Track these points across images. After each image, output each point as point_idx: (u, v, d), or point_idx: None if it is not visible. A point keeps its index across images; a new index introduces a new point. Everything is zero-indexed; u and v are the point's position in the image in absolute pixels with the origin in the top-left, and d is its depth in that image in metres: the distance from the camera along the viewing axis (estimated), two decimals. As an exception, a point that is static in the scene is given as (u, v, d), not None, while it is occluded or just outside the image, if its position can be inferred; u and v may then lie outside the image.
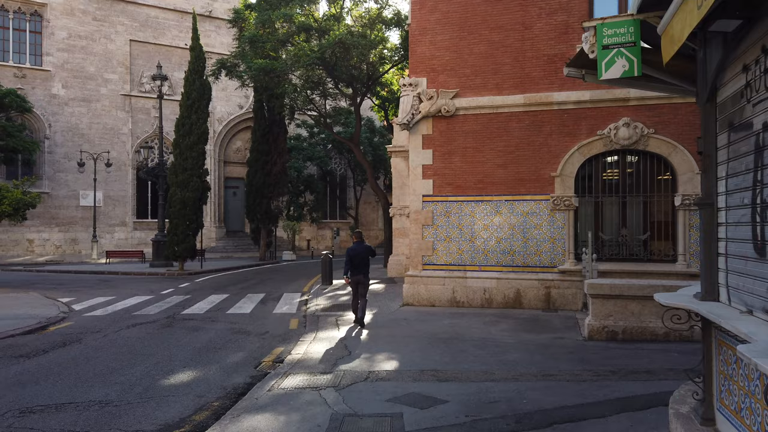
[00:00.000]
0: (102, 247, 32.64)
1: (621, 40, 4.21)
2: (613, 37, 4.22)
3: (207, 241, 36.76)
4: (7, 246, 31.86)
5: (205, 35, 35.91)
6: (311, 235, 40.39)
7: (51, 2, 32.95)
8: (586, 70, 4.92)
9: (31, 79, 32.50)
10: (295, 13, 22.95)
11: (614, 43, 4.24)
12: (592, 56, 4.38)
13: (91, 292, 15.93)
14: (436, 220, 12.78)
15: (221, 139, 38.69)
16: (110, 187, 34.57)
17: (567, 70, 5.08)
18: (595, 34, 4.31)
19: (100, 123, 34.47)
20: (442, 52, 12.61)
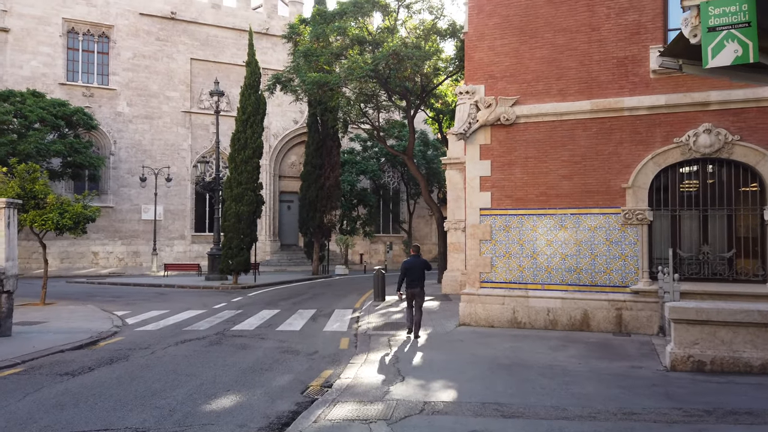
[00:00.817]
0: (162, 260, 33.42)
1: (732, 20, 3.46)
2: (722, 17, 3.48)
3: (261, 254, 37.07)
4: (74, 258, 33.09)
5: (261, 52, 36.54)
6: (364, 249, 40.09)
7: (117, 24, 34.36)
8: (685, 60, 4.17)
9: (98, 97, 33.88)
10: (349, 26, 22.82)
11: (723, 24, 3.51)
12: (695, 41, 3.65)
13: (146, 306, 16.02)
14: (495, 235, 12.03)
15: (276, 154, 39.12)
16: (170, 201, 35.47)
17: (661, 60, 4.36)
18: (699, 15, 3.59)
19: (162, 139, 35.51)
20: (501, 58, 11.94)
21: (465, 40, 12.54)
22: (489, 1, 12.10)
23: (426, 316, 13.37)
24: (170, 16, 35.69)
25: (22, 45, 31.93)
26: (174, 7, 35.94)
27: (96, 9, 33.86)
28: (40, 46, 32.43)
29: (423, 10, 24.62)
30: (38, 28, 32.33)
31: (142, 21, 35.07)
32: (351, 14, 23.03)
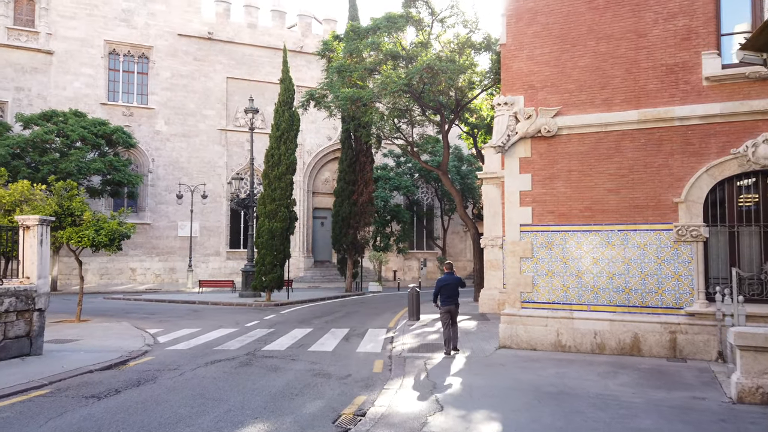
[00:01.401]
0: (197, 276, 33.65)
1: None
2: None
3: (295, 271, 37.00)
4: (113, 274, 33.61)
5: (296, 70, 36.83)
6: (398, 266, 39.61)
7: (157, 45, 35.16)
8: (771, 53, 3.65)
9: (137, 116, 34.62)
10: (382, 41, 22.66)
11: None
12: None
13: (179, 323, 15.90)
14: (536, 252, 11.43)
15: (310, 171, 39.20)
16: (206, 218, 35.80)
17: (741, 54, 3.84)
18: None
19: (198, 157, 36.00)
20: (541, 68, 11.44)
21: (502, 50, 12.09)
22: (528, 9, 11.65)
23: (463, 336, 12.80)
24: (207, 37, 36.37)
25: (66, 66, 32.94)
26: (211, 27, 36.63)
27: (136, 31, 34.75)
28: (83, 67, 33.39)
29: (457, 23, 24.32)
30: (81, 50, 33.33)
31: (181, 42, 35.82)
32: (384, 29, 22.89)
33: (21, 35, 32.11)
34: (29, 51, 32.16)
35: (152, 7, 35.20)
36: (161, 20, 35.35)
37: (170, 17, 35.54)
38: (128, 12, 34.58)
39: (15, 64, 31.87)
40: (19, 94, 31.90)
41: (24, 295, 9.32)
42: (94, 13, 33.75)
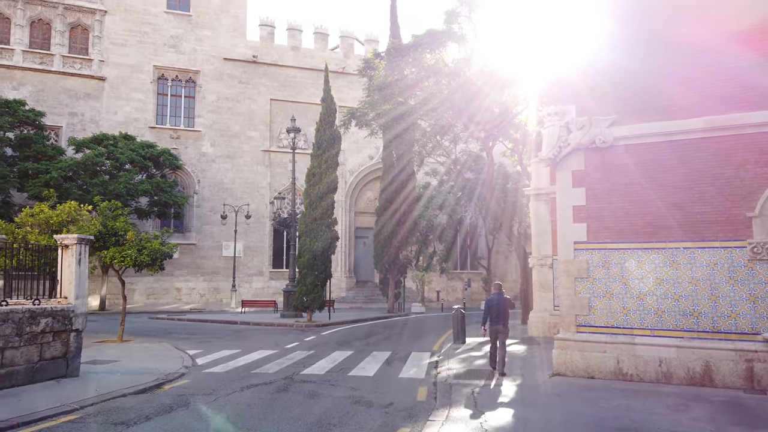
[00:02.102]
0: (241, 296, 33.75)
1: None
2: None
3: (337, 291, 36.67)
4: (159, 294, 34.06)
5: (338, 90, 36.89)
6: (441, 286, 38.76)
7: (203, 69, 35.98)
8: None
9: (184, 139, 35.35)
10: (424, 57, 22.34)
11: None
12: None
13: (219, 344, 15.65)
14: (592, 272, 10.61)
15: (352, 190, 39.06)
16: (250, 238, 36.02)
17: None
18: None
19: (242, 178, 36.39)
20: (594, 75, 10.74)
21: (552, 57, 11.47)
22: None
23: (513, 362, 12.01)
24: (252, 60, 37.01)
25: (117, 92, 34.02)
26: (255, 50, 37.27)
27: (184, 56, 35.67)
28: (133, 92, 34.41)
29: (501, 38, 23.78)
30: (131, 75, 34.40)
31: (226, 65, 36.55)
32: (426, 46, 22.56)
33: (75, 63, 33.41)
34: (83, 78, 33.40)
35: (200, 32, 36.12)
36: (208, 45, 36.21)
37: (216, 42, 36.37)
38: (176, 38, 35.57)
39: (69, 91, 33.12)
40: (72, 119, 33.08)
41: (61, 315, 9.19)
42: (145, 40, 34.85)
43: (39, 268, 10.03)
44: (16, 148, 28.62)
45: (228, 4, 36.91)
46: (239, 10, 37.24)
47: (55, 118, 32.45)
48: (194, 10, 36.06)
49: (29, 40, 32.70)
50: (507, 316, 11.08)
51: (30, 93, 31.95)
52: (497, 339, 10.95)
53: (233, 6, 37.04)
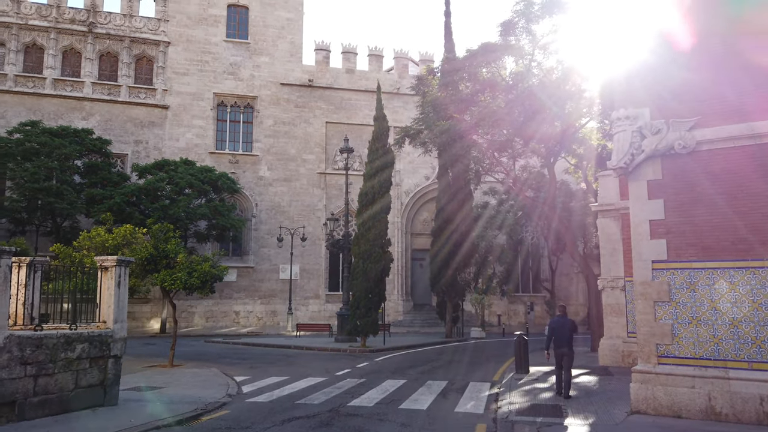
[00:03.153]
0: (297, 319, 33.50)
1: None
2: None
3: (394, 314, 35.79)
4: (217, 317, 34.30)
5: (392, 111, 36.61)
6: (502, 310, 37.14)
7: (261, 95, 36.55)
8: None
9: (242, 163, 35.85)
10: (479, 70, 21.55)
11: None
12: None
13: (268, 370, 15.13)
14: (675, 295, 9.32)
15: (408, 211, 38.37)
16: (306, 261, 35.86)
17: None
18: None
19: (299, 200, 36.46)
20: (669, 73, 9.60)
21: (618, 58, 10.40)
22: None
23: (584, 397, 10.76)
24: (308, 84, 37.33)
25: (179, 119, 35.02)
26: (311, 75, 37.60)
27: (242, 83, 36.40)
28: (194, 119, 35.33)
29: (561, 49, 22.64)
30: (193, 103, 35.36)
31: (283, 90, 37.02)
32: (481, 59, 21.76)
33: (140, 92, 34.70)
34: (147, 107, 34.60)
35: (257, 59, 36.83)
36: (265, 71, 36.83)
37: (273, 68, 36.95)
38: (235, 66, 36.39)
39: (134, 119, 34.37)
40: (137, 146, 34.23)
41: (98, 340, 8.86)
42: (205, 69, 35.84)
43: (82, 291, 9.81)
44: (84, 176, 29.77)
45: (284, 30, 37.53)
46: (295, 35, 37.80)
47: (121, 146, 33.68)
48: (252, 38, 36.86)
49: (98, 72, 34.27)
50: (571, 339, 10.93)
51: (98, 122, 33.34)
52: (562, 362, 10.80)
53: (289, 32, 37.63)
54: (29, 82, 32.77)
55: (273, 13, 37.49)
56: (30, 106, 32.37)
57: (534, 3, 21.71)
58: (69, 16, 33.67)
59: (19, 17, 32.64)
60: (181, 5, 35.79)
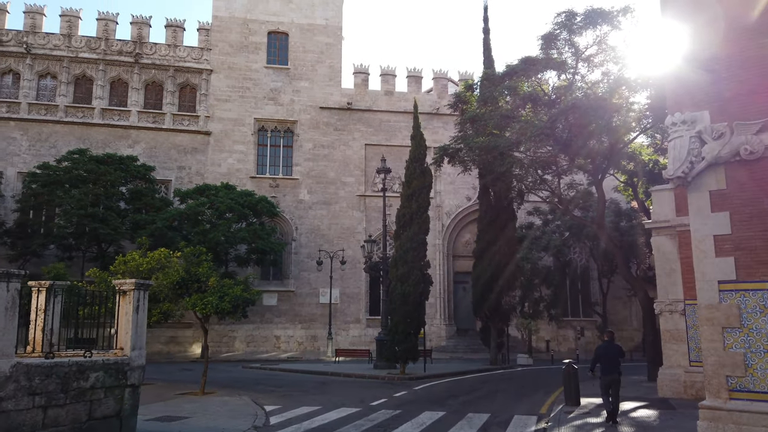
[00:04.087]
0: (337, 344, 32.88)
1: None
2: None
3: (436, 339, 34.69)
4: (258, 342, 34.02)
5: (432, 131, 36.16)
6: (550, 335, 35.45)
7: (300, 119, 36.72)
8: None
9: (282, 187, 35.91)
10: (520, 84, 20.76)
11: None
12: None
13: (301, 399, 14.48)
14: (747, 320, 8.20)
15: (449, 233, 37.49)
16: (346, 285, 35.34)
17: None
18: None
19: (338, 223, 36.14)
20: (734, 70, 8.63)
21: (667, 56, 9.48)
22: None
23: (643, 434, 9.63)
24: (346, 107, 37.33)
25: (221, 145, 35.47)
26: (350, 98, 37.60)
27: (282, 107, 36.69)
28: (235, 144, 35.72)
29: (606, 61, 21.66)
30: (234, 129, 35.80)
31: (322, 114, 37.11)
32: (521, 74, 21.00)
33: (184, 120, 35.40)
34: (190, 133, 35.24)
35: (297, 84, 37.12)
36: (305, 96, 37.05)
37: (313, 92, 37.15)
38: (275, 91, 36.76)
39: (178, 146, 35.02)
40: (180, 172, 34.79)
41: (114, 368, 8.44)
42: (246, 95, 36.33)
43: (103, 315, 9.49)
44: (129, 201, 30.33)
45: (323, 55, 37.78)
46: (334, 60, 37.98)
47: (165, 172, 34.29)
48: (292, 63, 37.24)
49: (144, 101, 35.20)
50: (619, 365, 10.97)
51: (144, 150, 34.12)
52: (610, 389, 10.80)
53: (328, 56, 37.85)
54: (79, 112, 33.93)
55: (312, 38, 37.85)
56: (79, 135, 33.44)
57: (576, 14, 20.93)
58: (117, 48, 34.86)
59: (70, 50, 33.98)
60: (223, 34, 36.58)
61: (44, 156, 31.67)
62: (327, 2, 38.54)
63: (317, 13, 38.24)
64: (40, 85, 34.05)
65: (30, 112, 33.20)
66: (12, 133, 32.88)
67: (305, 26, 37.86)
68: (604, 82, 21.72)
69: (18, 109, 33.03)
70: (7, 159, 32.47)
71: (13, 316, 6.84)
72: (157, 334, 31.81)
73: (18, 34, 33.61)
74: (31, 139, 33.08)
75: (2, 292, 6.67)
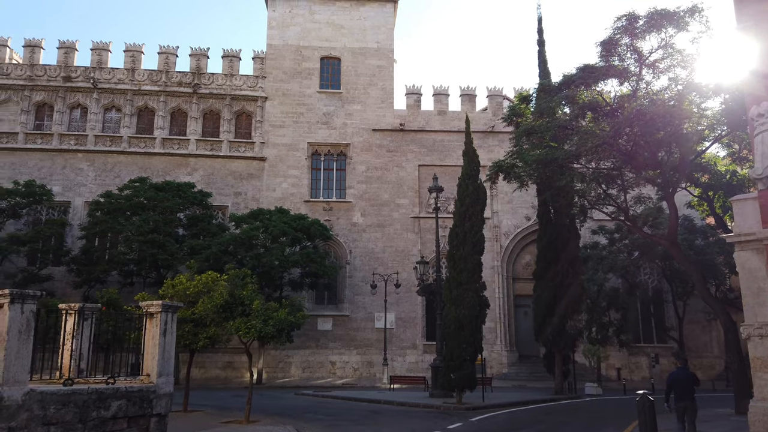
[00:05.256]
0: (394, 371, 31.93)
1: None
2: None
3: (498, 366, 33.09)
4: (314, 368, 33.52)
5: (488, 150, 35.22)
6: (621, 363, 33.02)
7: (353, 142, 36.63)
8: None
9: (336, 210, 35.71)
10: (578, 94, 19.59)
11: None
12: None
13: (347, 429, 13.69)
14: None
15: (508, 254, 36.02)
16: (401, 309, 34.46)
17: None
18: None
19: (393, 246, 35.48)
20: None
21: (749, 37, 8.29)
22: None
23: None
24: (399, 128, 36.99)
25: (275, 170, 35.79)
26: (402, 119, 37.25)
27: (335, 131, 36.75)
28: (290, 169, 35.95)
29: (674, 66, 20.16)
30: (288, 154, 36.09)
31: (375, 136, 36.89)
32: (580, 82, 19.82)
33: (240, 146, 36.03)
34: (246, 159, 35.79)
35: (349, 107, 37.17)
36: (357, 119, 37.01)
37: (365, 115, 37.06)
38: (328, 115, 36.91)
39: (234, 172, 35.61)
40: (237, 198, 35.26)
41: (138, 396, 7.97)
42: (300, 120, 36.65)
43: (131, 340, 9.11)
44: (187, 228, 30.87)
45: (375, 77, 37.74)
46: (386, 82, 37.85)
47: (222, 198, 34.85)
48: (344, 87, 37.38)
49: (201, 129, 36.13)
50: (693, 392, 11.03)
51: (201, 177, 34.87)
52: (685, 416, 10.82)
53: (380, 79, 37.77)
54: (141, 143, 35.19)
55: (364, 62, 37.93)
56: (142, 165, 34.60)
57: (638, 17, 19.68)
58: (176, 79, 36.10)
59: (133, 84, 35.48)
60: (277, 61, 37.24)
61: (109, 185, 32.86)
62: (378, 26, 38.64)
63: (368, 37, 38.37)
64: (105, 117, 35.64)
65: (96, 143, 34.73)
66: (80, 165, 34.43)
67: (357, 50, 38.02)
68: (671, 88, 20.25)
69: (85, 142, 34.63)
70: (75, 189, 33.95)
71: (27, 340, 6.49)
72: (214, 359, 31.95)
73: (86, 70, 35.43)
74: (97, 169, 34.49)
75: (16, 314, 6.32)
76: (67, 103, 35.23)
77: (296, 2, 38.34)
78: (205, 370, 32.32)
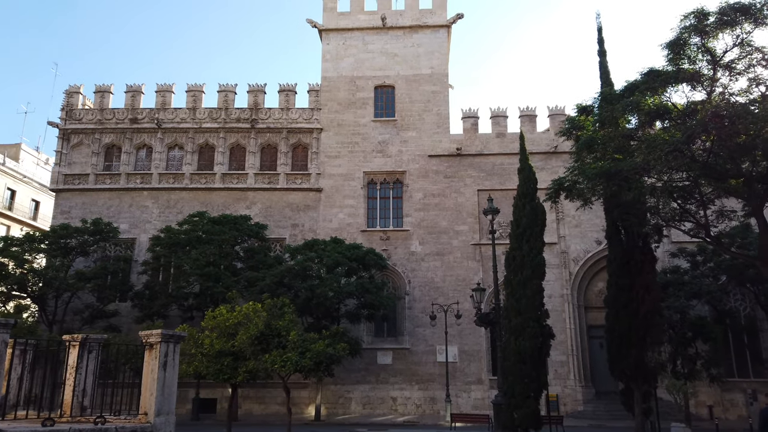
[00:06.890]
0: (459, 408, 30.13)
1: None
2: None
3: (572, 404, 30.50)
4: (374, 404, 32.17)
5: (551, 172, 33.31)
6: (713, 400, 29.55)
7: (409, 169, 35.84)
8: None
9: (393, 239, 34.78)
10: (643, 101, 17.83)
11: None
12: None
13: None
14: None
15: (579, 281, 33.61)
16: (464, 341, 32.71)
17: None
18: None
19: (453, 275, 34.01)
20: None
21: None
22: None
23: None
24: (456, 153, 35.90)
25: (332, 201, 35.47)
26: (459, 143, 36.19)
27: (391, 159, 36.14)
28: (346, 199, 35.52)
29: (753, 65, 18.05)
30: (344, 184, 35.74)
31: (431, 162, 35.98)
32: (644, 87, 18.07)
33: (296, 178, 36.08)
34: (302, 191, 35.74)
35: (404, 134, 36.57)
36: (413, 145, 36.31)
37: (421, 141, 36.33)
38: (383, 143, 36.44)
39: (291, 204, 35.59)
40: (294, 230, 35.11)
41: (132, 436, 7.18)
42: (355, 150, 36.37)
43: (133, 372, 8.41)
44: (244, 260, 30.86)
45: (430, 103, 37.07)
46: (441, 107, 37.09)
47: (280, 231, 34.81)
48: (399, 114, 36.91)
49: (259, 163, 36.53)
50: None
51: (260, 210, 35.07)
52: None
53: (435, 104, 37.07)
54: (202, 179, 35.96)
55: (418, 88, 37.42)
56: (202, 200, 35.25)
57: (708, 14, 17.84)
58: (235, 116, 36.91)
59: (194, 122, 36.57)
60: (331, 93, 37.37)
61: (171, 221, 33.54)
62: (432, 51, 38.15)
63: (422, 63, 37.91)
64: (169, 156, 36.79)
65: (160, 181, 35.80)
66: (145, 202, 35.53)
67: (411, 77, 37.60)
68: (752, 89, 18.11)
69: (150, 180, 35.80)
70: (141, 226, 34.96)
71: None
72: (273, 394, 31.29)
73: (151, 111, 36.92)
74: (161, 206, 35.44)
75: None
76: (134, 144, 36.69)
77: (350, 34, 38.57)
78: (265, 406, 31.75)
